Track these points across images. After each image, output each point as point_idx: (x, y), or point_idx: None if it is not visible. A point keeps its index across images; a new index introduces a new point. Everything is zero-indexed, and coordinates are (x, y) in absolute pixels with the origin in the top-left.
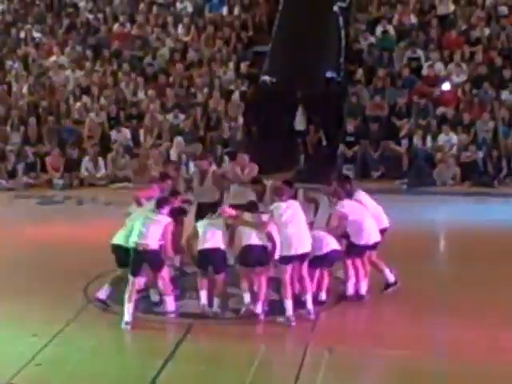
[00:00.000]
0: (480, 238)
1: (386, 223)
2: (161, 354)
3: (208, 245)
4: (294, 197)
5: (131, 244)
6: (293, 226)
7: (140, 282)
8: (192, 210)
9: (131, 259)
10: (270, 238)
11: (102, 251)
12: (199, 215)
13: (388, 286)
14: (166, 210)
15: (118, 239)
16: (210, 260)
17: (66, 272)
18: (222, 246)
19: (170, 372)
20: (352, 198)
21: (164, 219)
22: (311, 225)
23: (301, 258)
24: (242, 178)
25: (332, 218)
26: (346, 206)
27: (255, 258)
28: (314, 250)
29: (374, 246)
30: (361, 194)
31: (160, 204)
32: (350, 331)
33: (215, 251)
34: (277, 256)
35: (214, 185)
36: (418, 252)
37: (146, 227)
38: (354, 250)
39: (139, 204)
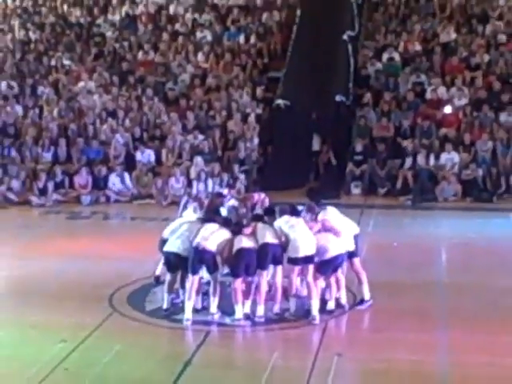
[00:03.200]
0: (480, 250)
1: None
2: (180, 359)
3: (244, 244)
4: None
5: (193, 244)
6: (298, 231)
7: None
8: None
9: (191, 258)
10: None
11: (126, 263)
12: None
13: (362, 301)
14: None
15: (172, 247)
16: (245, 259)
17: (92, 282)
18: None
19: (188, 376)
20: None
21: (228, 234)
22: None
23: (307, 259)
24: None
25: None
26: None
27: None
28: (321, 255)
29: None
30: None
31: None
32: (359, 337)
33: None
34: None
35: None
36: (422, 263)
37: (211, 232)
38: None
39: None
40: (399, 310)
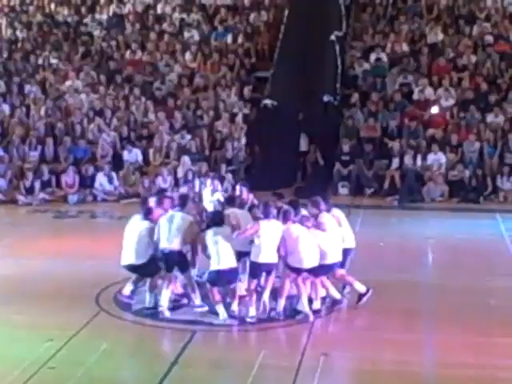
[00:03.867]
0: (466, 250)
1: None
2: (167, 358)
3: (224, 265)
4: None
5: (160, 249)
6: (303, 242)
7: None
8: None
9: (162, 262)
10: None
11: (113, 262)
12: None
13: (360, 296)
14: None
15: (126, 260)
16: (226, 279)
17: (79, 281)
18: (235, 265)
19: (174, 376)
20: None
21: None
22: None
23: (309, 271)
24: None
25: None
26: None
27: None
28: (320, 260)
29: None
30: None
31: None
32: (345, 337)
33: (231, 271)
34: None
35: None
36: (408, 263)
37: (171, 232)
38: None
39: None
40: (386, 309)
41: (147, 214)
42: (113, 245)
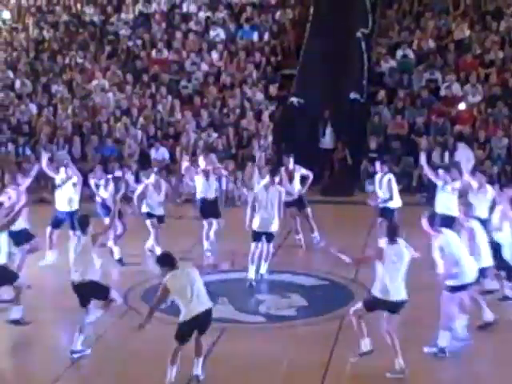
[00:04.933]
0: None
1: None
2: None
3: (201, 308)
4: None
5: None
6: (463, 252)
7: None
8: None
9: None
10: None
11: (140, 260)
12: None
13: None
14: None
15: None
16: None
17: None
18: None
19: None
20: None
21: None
22: None
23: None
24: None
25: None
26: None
27: None
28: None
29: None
30: None
31: None
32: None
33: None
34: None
35: None
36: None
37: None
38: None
39: None
40: (416, 308)
41: None
42: (140, 243)
